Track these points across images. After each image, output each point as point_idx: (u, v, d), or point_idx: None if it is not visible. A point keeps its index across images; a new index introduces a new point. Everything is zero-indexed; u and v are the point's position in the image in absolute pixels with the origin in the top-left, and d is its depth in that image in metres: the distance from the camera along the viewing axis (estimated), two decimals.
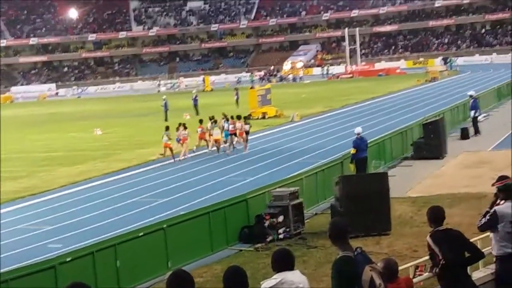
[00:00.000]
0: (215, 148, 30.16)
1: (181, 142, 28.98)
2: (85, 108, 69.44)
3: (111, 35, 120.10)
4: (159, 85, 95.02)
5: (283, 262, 5.94)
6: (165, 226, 14.14)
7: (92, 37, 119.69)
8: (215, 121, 30.39)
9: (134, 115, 53.86)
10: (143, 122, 47.85)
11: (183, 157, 28.77)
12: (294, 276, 5.91)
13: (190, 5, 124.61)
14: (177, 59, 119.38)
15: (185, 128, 29.26)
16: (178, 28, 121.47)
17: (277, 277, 5.89)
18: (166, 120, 46.12)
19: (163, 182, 24.01)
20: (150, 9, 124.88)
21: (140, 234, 13.74)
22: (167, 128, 29.47)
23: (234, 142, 30.09)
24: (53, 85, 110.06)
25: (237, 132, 29.82)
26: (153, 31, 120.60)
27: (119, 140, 38.11)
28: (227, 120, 30.57)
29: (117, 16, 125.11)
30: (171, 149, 28.68)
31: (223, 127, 30.33)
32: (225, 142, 30.21)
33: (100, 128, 42.57)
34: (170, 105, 48.37)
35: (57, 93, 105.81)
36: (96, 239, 15.55)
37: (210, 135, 29.93)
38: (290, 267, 5.93)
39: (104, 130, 42.25)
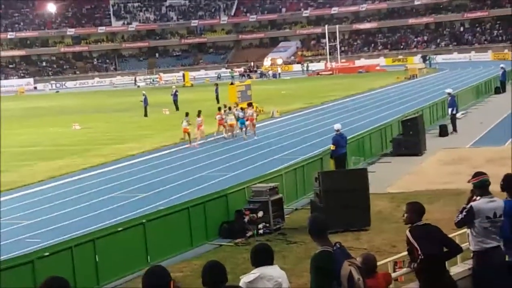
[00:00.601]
0: (230, 133, 32.53)
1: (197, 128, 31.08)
2: (63, 103, 68.96)
3: (90, 30, 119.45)
4: (135, 80, 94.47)
5: (262, 257, 5.96)
6: (144, 221, 14.10)
7: (70, 31, 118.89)
8: (230, 108, 33.37)
9: (113, 110, 53.60)
10: (122, 117, 47.65)
11: (199, 142, 30.74)
12: (273, 271, 5.92)
13: (170, 0, 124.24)
14: (157, 54, 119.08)
15: (199, 115, 31.15)
16: (157, 24, 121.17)
17: (256, 272, 5.90)
18: (145, 115, 46.03)
19: (142, 177, 23.93)
20: (129, 4, 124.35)
21: (119, 229, 13.69)
22: (186, 114, 31.50)
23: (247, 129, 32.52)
24: (31, 80, 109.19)
25: (248, 118, 32.38)
26: (133, 26, 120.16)
27: (98, 135, 37.93)
28: (242, 109, 33.49)
29: (96, 10, 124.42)
30: (188, 134, 30.74)
31: (238, 115, 32.76)
32: (240, 129, 32.48)
33: (79, 123, 42.33)
34: (149, 101, 48.21)
35: (35, 88, 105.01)
36: (75, 234, 15.46)
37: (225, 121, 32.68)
38: (269, 262, 5.94)
39: (82, 125, 42.02)
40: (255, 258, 5.99)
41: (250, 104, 33.74)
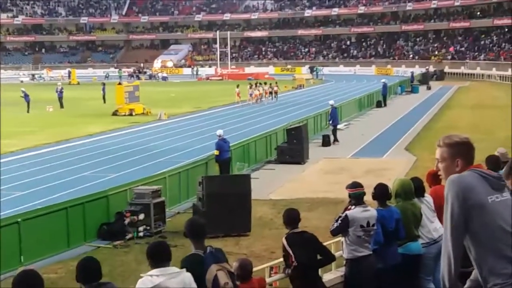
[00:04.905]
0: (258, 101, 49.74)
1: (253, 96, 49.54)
2: None
3: None
4: (32, 75, 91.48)
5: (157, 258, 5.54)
6: (19, 220, 13.62)
7: None
8: (256, 85, 51.32)
9: None
10: (2, 112, 45.77)
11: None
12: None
13: None
14: (43, 49, 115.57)
15: (250, 87, 49.94)
16: (45, 18, 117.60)
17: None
18: (28, 112, 44.63)
19: (21, 175, 23.14)
20: None
21: None
22: (250, 86, 50.38)
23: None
24: None
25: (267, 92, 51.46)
26: (19, 20, 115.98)
27: None
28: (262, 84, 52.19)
29: None
30: (256, 100, 49.29)
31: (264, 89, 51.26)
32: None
33: None
34: (33, 97, 46.85)
35: None
36: None
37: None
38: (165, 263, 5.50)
39: None
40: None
41: (258, 84, 51.91)
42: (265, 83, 53.43)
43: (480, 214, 3.95)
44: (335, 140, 29.84)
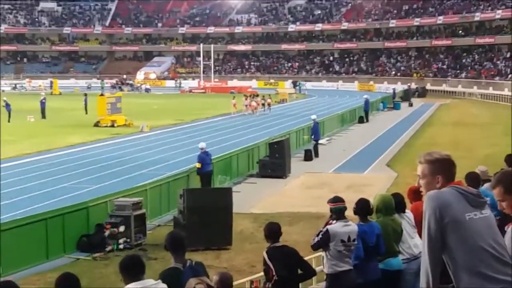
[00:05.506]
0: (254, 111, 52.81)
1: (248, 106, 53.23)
2: None
3: None
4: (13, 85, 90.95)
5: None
6: None
7: None
8: (257, 95, 56.39)
9: None
10: None
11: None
12: None
13: (42, 5, 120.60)
14: (25, 59, 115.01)
15: (246, 98, 54.18)
16: (28, 28, 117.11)
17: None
18: (9, 121, 44.33)
19: (1, 184, 22.93)
20: None
21: None
22: (252, 96, 55.70)
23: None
24: None
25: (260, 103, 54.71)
26: (1, 29, 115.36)
27: None
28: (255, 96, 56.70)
29: None
30: (253, 110, 52.65)
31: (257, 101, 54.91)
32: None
33: None
34: (15, 106, 46.55)
35: None
36: None
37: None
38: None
39: None
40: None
41: (254, 96, 56.34)
42: (257, 95, 57.06)
43: (457, 231, 3.97)
44: (316, 155, 29.90)
